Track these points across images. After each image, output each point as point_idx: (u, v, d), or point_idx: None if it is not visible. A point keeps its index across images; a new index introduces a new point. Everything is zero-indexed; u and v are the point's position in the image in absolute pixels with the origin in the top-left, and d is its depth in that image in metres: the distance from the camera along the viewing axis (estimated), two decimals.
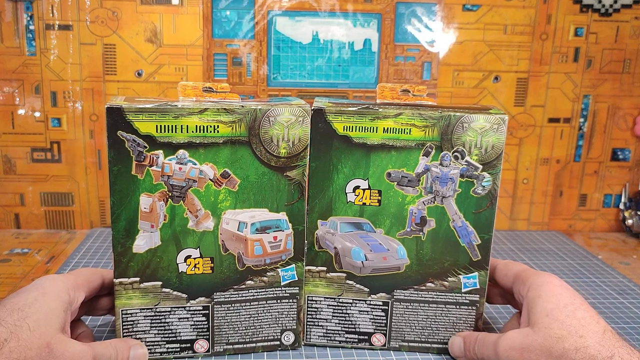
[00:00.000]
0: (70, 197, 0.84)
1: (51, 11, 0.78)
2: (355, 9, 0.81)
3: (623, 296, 0.68)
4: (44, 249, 0.77)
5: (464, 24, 0.83)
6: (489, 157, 0.51)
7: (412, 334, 0.55)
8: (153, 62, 0.80)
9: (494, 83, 0.85)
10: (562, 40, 0.84)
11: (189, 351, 0.53)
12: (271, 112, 0.49)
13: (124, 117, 0.47)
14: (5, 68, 0.79)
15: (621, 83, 0.87)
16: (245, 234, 0.51)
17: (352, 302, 0.54)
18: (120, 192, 0.48)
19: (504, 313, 0.62)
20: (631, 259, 0.81)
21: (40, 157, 0.82)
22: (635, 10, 0.84)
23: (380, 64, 0.83)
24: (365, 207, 0.52)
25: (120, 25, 0.79)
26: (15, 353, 0.40)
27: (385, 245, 0.53)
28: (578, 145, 0.88)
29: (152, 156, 0.48)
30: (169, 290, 0.51)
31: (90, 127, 0.82)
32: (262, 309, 0.53)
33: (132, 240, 0.49)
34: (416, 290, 0.54)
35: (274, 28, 0.81)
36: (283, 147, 0.50)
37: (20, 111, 0.80)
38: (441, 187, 0.51)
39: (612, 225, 0.92)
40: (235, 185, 0.50)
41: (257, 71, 0.82)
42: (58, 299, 0.45)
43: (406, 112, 0.50)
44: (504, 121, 0.50)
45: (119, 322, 0.51)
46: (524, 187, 0.89)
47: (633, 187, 0.91)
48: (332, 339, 0.55)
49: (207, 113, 0.48)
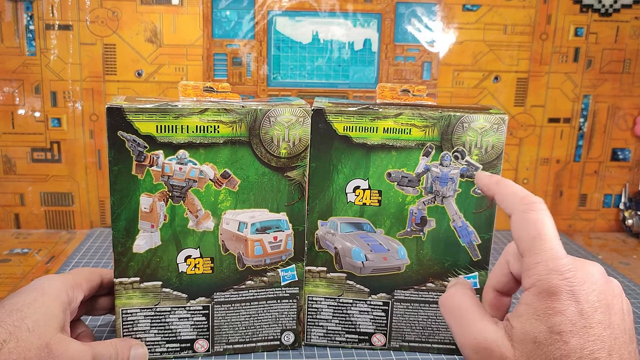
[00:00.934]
0: (70, 197, 0.84)
1: (51, 11, 0.78)
2: (355, 9, 0.81)
3: None
4: (44, 249, 0.77)
5: (464, 24, 0.83)
6: (489, 157, 0.51)
7: (412, 334, 0.55)
8: (153, 62, 0.80)
9: (494, 83, 0.85)
10: (562, 40, 0.84)
11: (189, 351, 0.53)
12: (272, 112, 0.49)
13: (125, 117, 0.47)
14: (5, 68, 0.79)
15: (621, 83, 0.87)
16: (246, 234, 0.51)
17: (353, 302, 0.54)
18: (120, 192, 0.48)
19: None
20: (631, 259, 0.81)
21: (40, 157, 0.82)
22: (635, 10, 0.84)
23: (380, 64, 0.83)
24: (366, 207, 0.52)
25: (120, 25, 0.79)
26: (14, 354, 0.40)
27: (386, 245, 0.53)
28: (578, 145, 0.88)
29: (152, 156, 0.48)
30: (169, 290, 0.51)
31: (90, 127, 0.81)
32: (262, 309, 0.53)
33: (132, 240, 0.49)
34: (416, 291, 0.54)
35: (274, 28, 0.81)
36: (283, 147, 0.50)
37: (20, 111, 0.80)
38: (441, 187, 0.51)
39: (612, 225, 0.92)
40: (236, 185, 0.50)
41: (257, 71, 0.82)
42: (57, 299, 0.45)
43: (406, 112, 0.50)
44: (504, 121, 0.50)
45: (119, 322, 0.51)
46: (524, 187, 0.89)
47: (633, 187, 0.91)
48: (332, 339, 0.55)
49: (208, 113, 0.48)
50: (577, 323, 0.36)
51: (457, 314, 0.40)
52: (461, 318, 0.40)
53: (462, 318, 0.40)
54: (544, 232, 0.38)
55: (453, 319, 0.41)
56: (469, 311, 0.40)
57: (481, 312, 0.40)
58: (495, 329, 0.38)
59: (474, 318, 0.39)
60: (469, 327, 0.39)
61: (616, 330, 0.36)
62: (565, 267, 0.37)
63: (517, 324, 0.37)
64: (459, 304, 0.41)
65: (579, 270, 0.37)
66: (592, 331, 0.35)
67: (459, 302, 0.41)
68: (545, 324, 0.36)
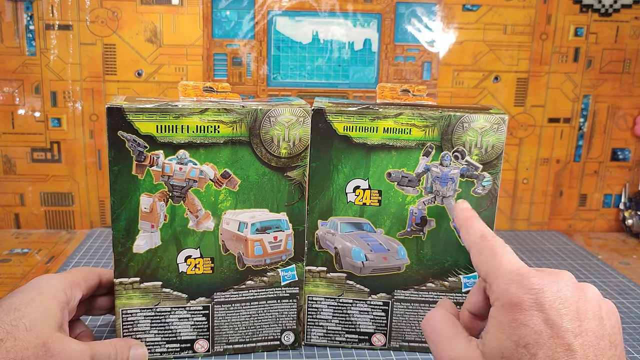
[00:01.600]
0: (70, 197, 0.84)
1: (51, 11, 0.78)
2: (355, 9, 0.81)
3: (623, 296, 0.68)
4: (44, 249, 0.77)
5: (464, 24, 0.83)
6: (489, 157, 0.51)
7: (412, 334, 0.55)
8: (153, 62, 0.80)
9: (494, 83, 0.85)
10: (562, 40, 0.84)
11: (189, 351, 0.53)
12: (272, 112, 0.49)
13: (125, 117, 0.47)
14: (5, 68, 0.79)
15: (621, 83, 0.87)
16: (246, 234, 0.51)
17: (353, 302, 0.54)
18: (120, 192, 0.48)
19: None
20: (631, 259, 0.81)
21: (40, 157, 0.82)
22: (635, 10, 0.84)
23: (380, 64, 0.83)
24: (366, 207, 0.52)
25: (120, 25, 0.79)
26: (12, 353, 0.40)
27: (386, 245, 0.53)
28: (578, 145, 0.88)
29: (152, 156, 0.48)
30: (169, 290, 0.51)
31: (90, 127, 0.81)
32: (262, 309, 0.53)
33: (133, 240, 0.49)
34: (416, 291, 0.54)
35: (274, 28, 0.81)
36: (283, 147, 0.50)
37: (20, 111, 0.80)
38: (441, 187, 0.51)
39: (612, 225, 0.92)
40: (236, 185, 0.50)
41: (257, 71, 0.82)
42: (55, 298, 0.45)
43: (406, 112, 0.50)
44: (504, 121, 0.50)
45: (119, 322, 0.51)
46: (524, 187, 0.89)
47: (633, 187, 0.91)
48: (332, 339, 0.55)
49: (208, 113, 0.48)
50: (543, 333, 0.34)
51: (434, 334, 0.41)
52: (437, 337, 0.40)
53: (438, 337, 0.40)
54: (500, 251, 0.39)
55: (430, 339, 0.41)
56: (444, 330, 0.40)
57: (457, 331, 0.40)
58: (468, 346, 0.38)
59: (448, 337, 0.40)
60: (443, 345, 0.39)
61: (590, 337, 0.34)
62: (525, 275, 0.36)
63: (487, 340, 0.37)
64: (435, 324, 0.41)
65: (541, 277, 0.36)
66: (560, 341, 0.34)
67: (436, 323, 0.41)
68: (511, 338, 0.35)
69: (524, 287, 0.36)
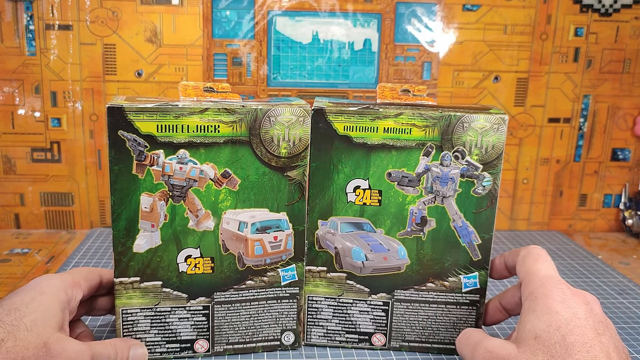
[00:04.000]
0: (70, 197, 0.84)
1: (51, 11, 0.78)
2: (355, 9, 0.81)
3: (623, 296, 0.68)
4: (44, 249, 0.77)
5: (464, 24, 0.83)
6: (489, 156, 0.51)
7: (412, 334, 0.55)
8: (153, 62, 0.80)
9: (494, 83, 0.85)
10: (562, 40, 0.84)
11: (189, 351, 0.53)
12: (272, 112, 0.49)
13: (125, 116, 0.47)
14: (5, 68, 0.79)
15: (621, 83, 0.87)
16: (246, 233, 0.51)
17: (353, 302, 0.54)
18: (120, 191, 0.48)
19: None
20: (631, 259, 0.81)
21: (40, 157, 0.82)
22: (635, 10, 0.84)
23: (380, 64, 0.83)
24: (366, 207, 0.52)
25: (120, 25, 0.79)
26: (12, 353, 0.40)
27: (386, 245, 0.53)
28: (578, 145, 0.88)
29: (152, 156, 0.48)
30: (169, 290, 0.51)
31: (90, 127, 0.81)
32: (262, 309, 0.53)
33: (133, 240, 0.49)
34: (416, 291, 0.54)
35: (274, 28, 0.81)
36: (283, 147, 0.50)
37: (20, 111, 0.80)
38: (441, 187, 0.51)
39: (612, 225, 0.92)
40: (236, 185, 0.50)
41: (257, 71, 0.82)
42: (55, 297, 0.45)
43: (406, 112, 0.50)
44: (504, 121, 0.50)
45: (119, 322, 0.51)
46: (524, 187, 0.89)
47: (633, 187, 0.91)
48: (332, 339, 0.55)
49: (208, 113, 0.48)
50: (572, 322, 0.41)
51: (470, 339, 0.46)
52: (473, 340, 0.46)
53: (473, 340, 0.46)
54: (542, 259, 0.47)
55: (467, 344, 0.46)
56: (479, 336, 0.46)
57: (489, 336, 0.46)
58: (502, 341, 0.44)
59: (484, 338, 0.45)
60: (480, 344, 0.44)
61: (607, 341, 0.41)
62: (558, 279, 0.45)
63: (520, 327, 0.43)
64: (470, 334, 0.47)
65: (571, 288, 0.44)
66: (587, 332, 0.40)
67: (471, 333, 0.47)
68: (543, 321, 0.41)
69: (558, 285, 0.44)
